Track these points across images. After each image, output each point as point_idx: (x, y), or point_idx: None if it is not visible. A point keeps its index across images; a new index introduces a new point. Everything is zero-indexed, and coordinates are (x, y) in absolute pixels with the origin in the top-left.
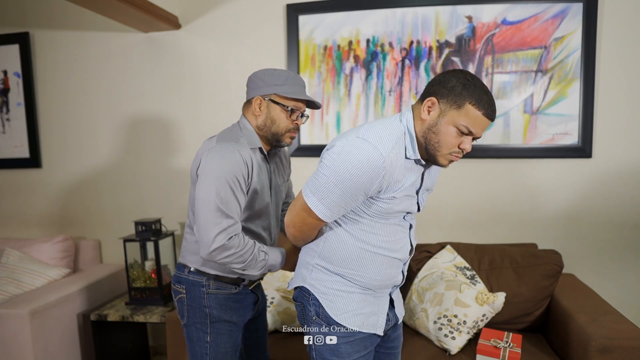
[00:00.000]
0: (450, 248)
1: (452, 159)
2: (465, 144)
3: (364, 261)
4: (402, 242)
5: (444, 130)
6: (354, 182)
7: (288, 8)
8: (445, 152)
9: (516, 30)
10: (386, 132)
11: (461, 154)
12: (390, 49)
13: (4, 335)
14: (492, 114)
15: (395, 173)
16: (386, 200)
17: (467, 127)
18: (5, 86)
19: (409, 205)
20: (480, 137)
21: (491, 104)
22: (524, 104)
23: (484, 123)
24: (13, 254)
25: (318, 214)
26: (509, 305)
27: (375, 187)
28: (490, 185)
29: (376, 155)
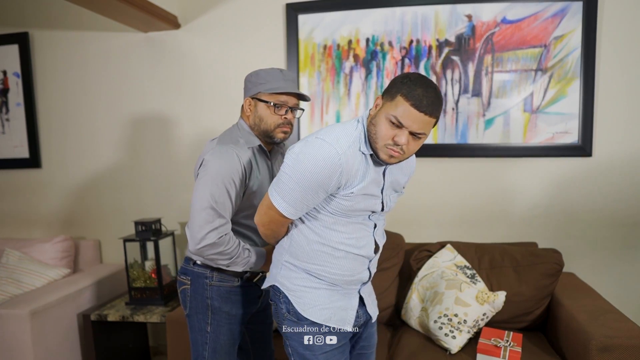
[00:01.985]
0: (451, 247)
1: (390, 152)
2: (398, 137)
3: (327, 257)
4: (366, 240)
5: (379, 122)
6: (313, 179)
7: (287, 7)
8: (381, 145)
9: (516, 29)
10: (343, 132)
11: (400, 150)
12: (390, 48)
13: (4, 336)
14: (422, 106)
15: (352, 170)
16: (345, 197)
17: (395, 117)
18: (5, 86)
19: (373, 204)
20: (421, 132)
21: (424, 97)
22: (524, 103)
23: (413, 115)
24: (13, 254)
25: (282, 211)
26: (510, 304)
27: (334, 183)
28: (491, 184)
29: (332, 153)
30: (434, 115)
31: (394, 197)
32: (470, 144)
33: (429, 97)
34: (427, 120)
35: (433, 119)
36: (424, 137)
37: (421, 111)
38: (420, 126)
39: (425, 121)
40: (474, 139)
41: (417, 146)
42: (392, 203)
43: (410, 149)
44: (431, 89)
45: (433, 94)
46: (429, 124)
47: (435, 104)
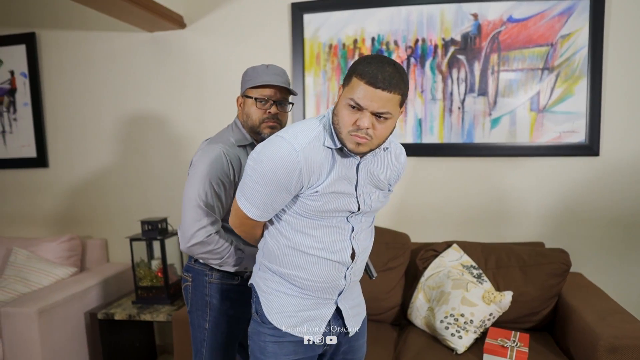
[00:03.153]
0: (457, 247)
1: (355, 140)
2: (360, 121)
3: (298, 262)
4: (341, 245)
5: (340, 110)
6: (272, 179)
7: (293, 7)
8: (345, 133)
9: (522, 28)
10: (304, 127)
11: (365, 134)
12: (396, 47)
13: (12, 334)
14: (377, 82)
15: (314, 167)
16: (311, 197)
17: (353, 99)
18: (13, 86)
19: (346, 203)
20: (384, 112)
21: (379, 72)
22: (531, 102)
23: (369, 92)
24: (21, 253)
25: (248, 213)
26: (516, 304)
27: (296, 183)
28: (497, 184)
29: (290, 150)
30: (394, 91)
31: (376, 195)
32: (477, 144)
33: (384, 72)
34: (386, 96)
35: (395, 95)
36: (391, 118)
37: (377, 87)
38: (381, 104)
39: (384, 98)
40: (480, 138)
41: (385, 129)
42: (377, 202)
43: (378, 134)
44: (388, 65)
45: (390, 69)
46: (391, 101)
47: (394, 78)
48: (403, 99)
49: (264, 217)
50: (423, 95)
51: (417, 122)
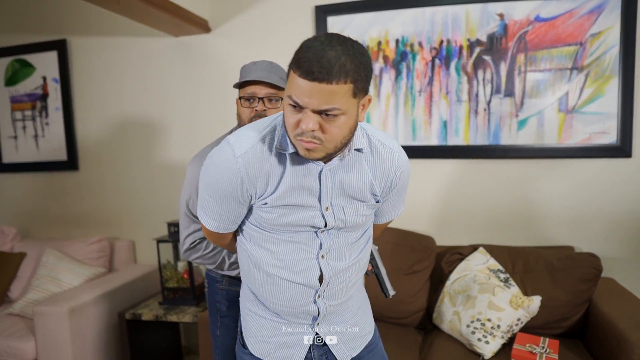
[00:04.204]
0: (483, 250)
1: (303, 145)
2: (303, 122)
3: (262, 281)
4: (305, 265)
5: (284, 111)
6: (217, 188)
7: (317, 9)
8: (293, 137)
9: (550, 27)
10: (252, 128)
11: (312, 138)
12: (420, 49)
13: (45, 332)
14: (313, 72)
15: (258, 175)
16: (262, 209)
17: (290, 96)
18: (45, 92)
19: (308, 218)
20: (329, 108)
21: (315, 59)
22: (559, 103)
23: (305, 87)
24: (52, 254)
25: (205, 225)
26: (545, 310)
27: (241, 192)
28: (525, 186)
29: (229, 157)
30: (339, 80)
31: (354, 208)
32: (503, 145)
33: (323, 57)
34: (328, 89)
35: (341, 86)
36: (344, 114)
37: (314, 79)
38: (322, 99)
39: (324, 91)
40: (507, 140)
41: (339, 129)
42: (355, 217)
43: (331, 136)
44: (330, 47)
45: (332, 52)
46: (337, 94)
47: (336, 63)
48: (359, 87)
49: (222, 228)
50: (448, 96)
51: (442, 124)
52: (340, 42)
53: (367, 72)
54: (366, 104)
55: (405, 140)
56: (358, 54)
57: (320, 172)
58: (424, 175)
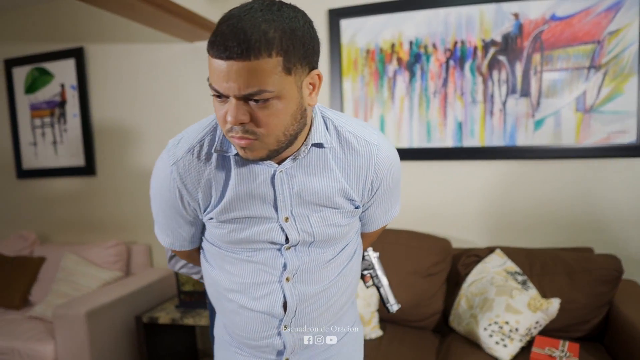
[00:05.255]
0: (500, 252)
1: (235, 143)
2: (228, 114)
3: (223, 307)
4: (266, 289)
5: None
6: (160, 201)
7: (330, 13)
8: (225, 133)
9: (566, 26)
10: (192, 130)
11: (244, 133)
12: (434, 50)
13: (64, 334)
14: (224, 48)
15: (197, 183)
16: (211, 224)
17: (210, 84)
18: (63, 99)
19: (264, 232)
20: (255, 91)
21: (228, 33)
22: (576, 102)
23: (220, 68)
24: (71, 258)
25: (160, 241)
26: (564, 313)
27: (183, 206)
28: (541, 187)
29: (165, 165)
30: (259, 54)
31: (323, 217)
32: (519, 146)
33: (238, 27)
34: (247, 67)
35: (263, 61)
36: (276, 99)
37: (228, 57)
38: (243, 81)
39: (244, 70)
40: (523, 140)
41: (276, 118)
42: (325, 228)
43: (268, 127)
44: (250, 15)
45: (250, 21)
46: (259, 72)
47: (255, 31)
48: (292, 60)
49: (178, 245)
50: (463, 98)
51: (457, 125)
52: (263, 8)
53: (305, 41)
54: (316, 83)
55: (420, 142)
56: (287, 18)
57: (274, 176)
58: (439, 177)
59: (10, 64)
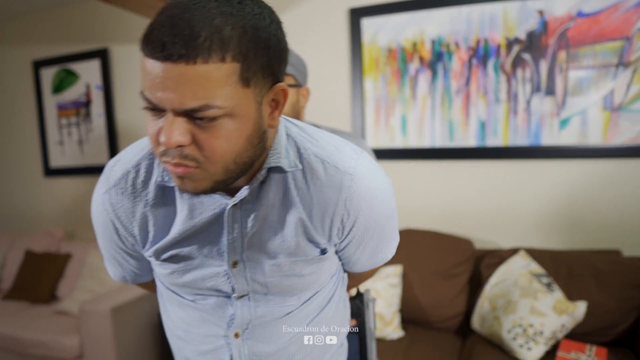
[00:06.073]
0: (524, 253)
1: (171, 170)
2: (162, 134)
3: (174, 353)
4: (212, 345)
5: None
6: (96, 228)
7: (351, 12)
8: (158, 155)
9: (593, 22)
10: (132, 148)
11: (178, 159)
12: (457, 49)
13: (89, 330)
14: (161, 46)
15: (132, 218)
16: (151, 260)
17: (142, 91)
18: (88, 99)
19: (208, 278)
20: (186, 107)
21: (167, 26)
22: (604, 101)
23: (154, 70)
24: (97, 255)
25: (109, 272)
26: (591, 316)
27: (121, 240)
28: (567, 188)
29: (98, 189)
30: (206, 56)
31: (275, 265)
32: (544, 146)
33: (182, 19)
34: (191, 72)
35: (214, 66)
36: (227, 118)
37: (166, 57)
38: (183, 92)
39: (187, 76)
40: (548, 140)
41: (225, 141)
42: (279, 278)
43: (212, 154)
44: (200, 5)
45: (201, 12)
46: (207, 80)
47: (200, 29)
48: (252, 69)
49: (130, 279)
50: (486, 97)
51: (480, 124)
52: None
53: (271, 45)
54: (280, 100)
55: (442, 142)
56: (250, 14)
57: (224, 212)
58: (461, 177)
59: (38, 65)
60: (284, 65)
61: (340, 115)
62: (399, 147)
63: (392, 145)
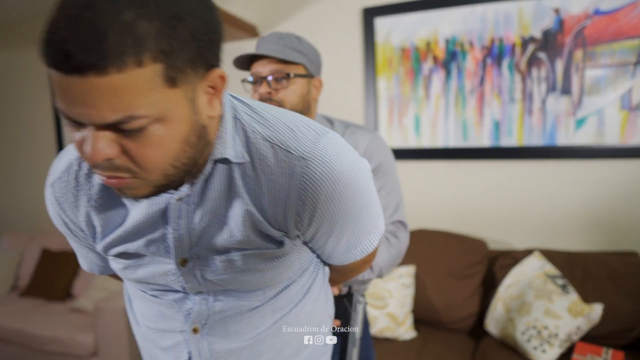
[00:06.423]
0: (539, 254)
1: (106, 183)
2: (84, 147)
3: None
4: (171, 340)
5: None
6: (54, 222)
7: (365, 12)
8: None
9: (611, 20)
10: None
11: (110, 171)
12: (471, 48)
13: (104, 327)
14: (62, 57)
15: (76, 211)
16: (107, 257)
17: (57, 107)
18: None
19: (159, 275)
20: (106, 122)
21: (66, 30)
22: (621, 100)
23: (60, 83)
24: None
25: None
26: (608, 319)
27: (70, 230)
28: (582, 188)
29: (47, 183)
30: (120, 63)
31: (226, 261)
32: (560, 146)
33: (83, 21)
34: (99, 85)
35: (131, 73)
36: (156, 125)
37: (69, 69)
38: (99, 107)
39: (96, 89)
40: (564, 140)
41: (158, 149)
42: (233, 274)
43: (145, 164)
44: (92, 3)
45: (105, 7)
46: (120, 91)
47: (107, 31)
48: (178, 64)
49: (97, 270)
50: (500, 96)
51: (494, 124)
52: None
53: (198, 31)
54: (217, 86)
55: (456, 142)
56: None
57: (167, 208)
58: (475, 177)
59: None
60: (217, 48)
61: (354, 115)
62: (412, 147)
63: (406, 145)
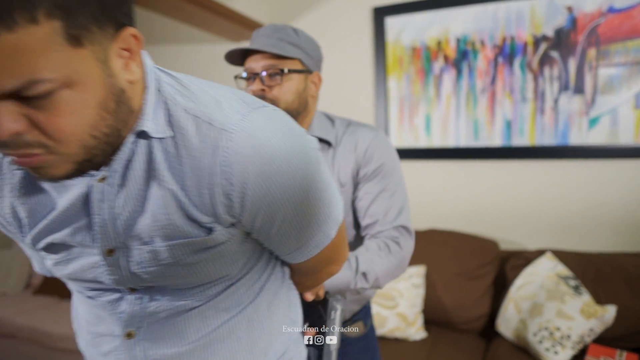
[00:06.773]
0: (551, 255)
1: (15, 162)
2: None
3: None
4: (108, 345)
5: None
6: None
7: (375, 11)
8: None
9: (625, 18)
10: None
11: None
12: (482, 47)
13: None
14: None
15: (2, 202)
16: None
17: None
18: None
19: (87, 268)
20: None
21: None
22: (635, 99)
23: None
24: None
25: None
26: (621, 320)
27: (3, 226)
28: (595, 188)
29: None
30: (13, 18)
31: (150, 252)
32: (572, 146)
33: None
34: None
35: (18, 34)
36: (65, 89)
37: None
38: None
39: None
40: (577, 139)
41: (72, 117)
42: (157, 267)
43: (60, 137)
44: None
45: None
46: (14, 52)
47: None
48: (80, 21)
49: (43, 270)
50: (512, 95)
51: (505, 124)
52: None
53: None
54: (132, 47)
55: (467, 141)
56: None
57: (90, 192)
58: (486, 177)
59: None
60: (126, 6)
61: (364, 115)
62: (423, 146)
63: (416, 145)
